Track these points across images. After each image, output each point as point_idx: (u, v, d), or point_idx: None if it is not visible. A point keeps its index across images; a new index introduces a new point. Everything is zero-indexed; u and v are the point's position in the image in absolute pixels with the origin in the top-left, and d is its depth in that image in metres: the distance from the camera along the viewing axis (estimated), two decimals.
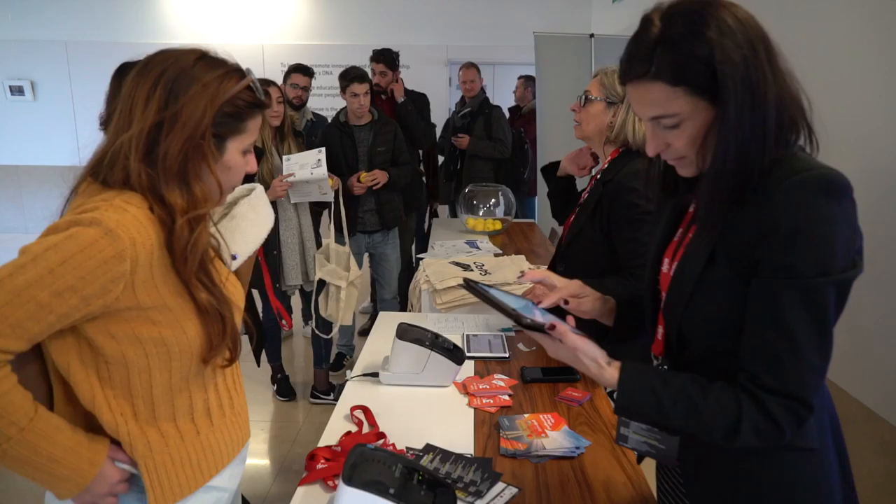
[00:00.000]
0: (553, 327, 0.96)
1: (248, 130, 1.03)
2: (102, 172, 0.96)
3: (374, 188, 3.37)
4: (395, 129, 3.50)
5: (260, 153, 2.98)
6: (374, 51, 4.04)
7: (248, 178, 3.06)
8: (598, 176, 1.79)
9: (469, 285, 1.07)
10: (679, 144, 0.90)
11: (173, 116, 0.93)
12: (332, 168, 3.38)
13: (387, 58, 3.96)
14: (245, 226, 1.19)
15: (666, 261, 1.03)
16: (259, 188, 1.32)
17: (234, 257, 1.12)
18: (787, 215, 0.81)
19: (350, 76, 3.30)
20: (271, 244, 3.03)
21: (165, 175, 0.94)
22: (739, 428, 0.86)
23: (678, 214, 1.05)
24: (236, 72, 1.00)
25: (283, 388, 3.46)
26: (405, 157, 3.56)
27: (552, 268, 1.89)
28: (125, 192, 0.94)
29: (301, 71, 3.83)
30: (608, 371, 0.95)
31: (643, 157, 1.73)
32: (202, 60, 0.97)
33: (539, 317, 1.02)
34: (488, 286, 1.10)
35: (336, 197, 3.09)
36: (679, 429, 0.93)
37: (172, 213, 0.95)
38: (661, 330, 1.04)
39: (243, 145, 1.04)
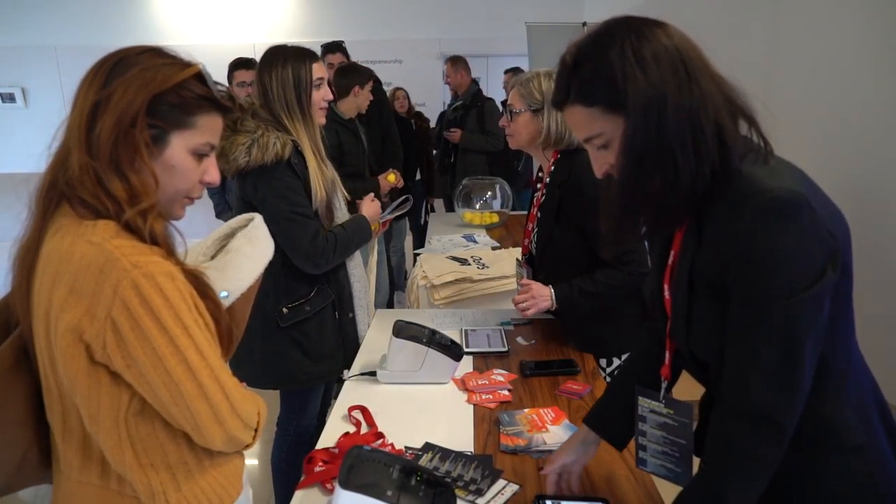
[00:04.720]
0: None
1: (197, 126, 0.94)
2: (61, 183, 0.91)
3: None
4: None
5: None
6: (325, 45, 3.58)
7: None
8: (548, 180, 1.80)
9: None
10: (616, 164, 0.92)
11: (107, 97, 0.89)
12: (350, 167, 3.09)
13: (341, 47, 3.59)
14: (239, 260, 1.10)
15: (666, 287, 1.03)
16: (258, 218, 1.21)
17: (224, 295, 1.04)
18: (742, 245, 0.83)
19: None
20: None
21: (100, 161, 0.89)
22: (728, 494, 0.87)
23: (669, 239, 1.03)
24: (184, 63, 0.95)
25: None
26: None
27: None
28: (99, 224, 0.88)
29: (244, 66, 3.26)
30: None
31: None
32: (149, 52, 0.93)
33: None
34: None
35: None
36: None
37: (120, 206, 0.89)
38: (667, 355, 1.05)
39: (192, 143, 0.94)
